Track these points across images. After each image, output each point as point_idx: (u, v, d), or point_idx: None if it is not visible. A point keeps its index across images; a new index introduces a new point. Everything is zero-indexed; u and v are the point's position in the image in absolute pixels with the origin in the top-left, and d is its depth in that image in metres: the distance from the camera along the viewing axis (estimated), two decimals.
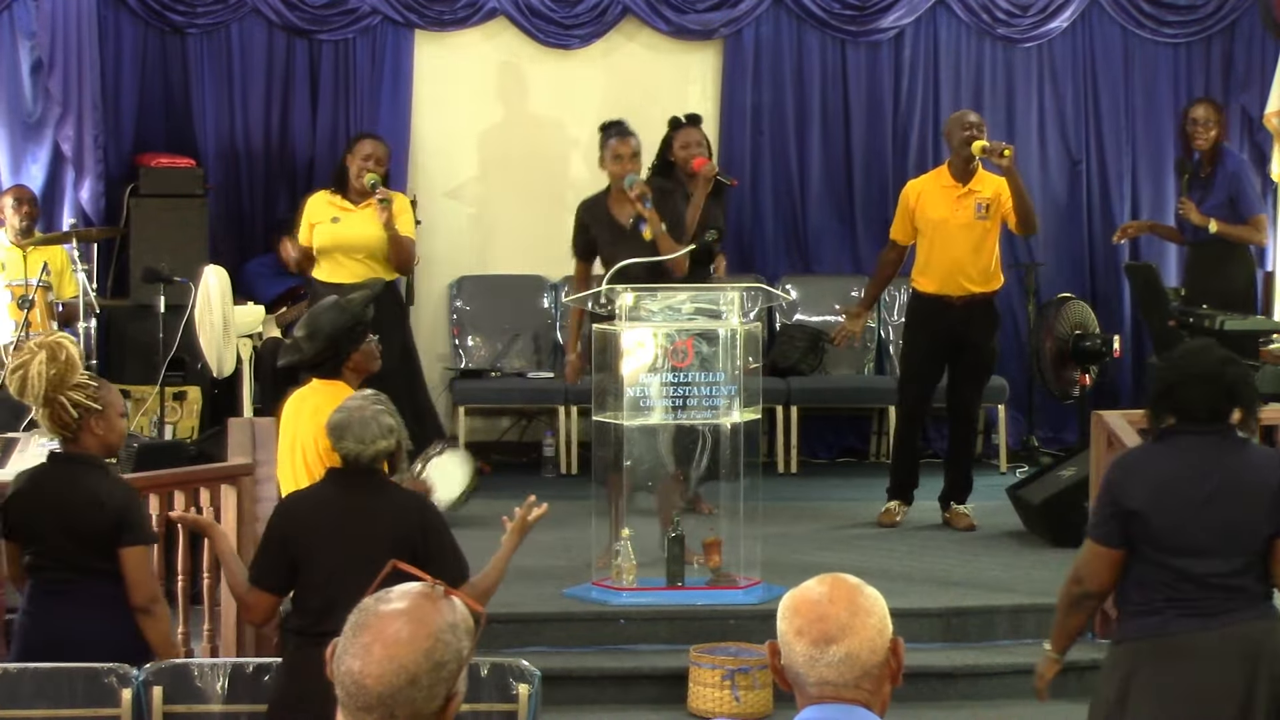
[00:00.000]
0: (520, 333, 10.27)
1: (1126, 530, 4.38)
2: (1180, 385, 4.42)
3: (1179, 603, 4.35)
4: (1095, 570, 4.45)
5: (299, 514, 4.77)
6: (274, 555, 4.72)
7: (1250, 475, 4.39)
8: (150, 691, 4.80)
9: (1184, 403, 4.41)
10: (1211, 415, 4.41)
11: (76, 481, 4.88)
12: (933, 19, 10.42)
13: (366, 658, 2.31)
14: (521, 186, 10.23)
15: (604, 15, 10.23)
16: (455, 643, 2.36)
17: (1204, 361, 4.45)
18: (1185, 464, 4.39)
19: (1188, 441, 4.41)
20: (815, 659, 2.71)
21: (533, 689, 4.80)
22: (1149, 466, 4.44)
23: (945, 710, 6.47)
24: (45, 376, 4.77)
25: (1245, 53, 10.53)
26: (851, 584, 2.79)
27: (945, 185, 8.13)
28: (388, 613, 2.35)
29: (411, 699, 2.32)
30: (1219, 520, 4.34)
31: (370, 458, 4.68)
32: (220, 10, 9.94)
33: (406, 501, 4.77)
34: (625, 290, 6.77)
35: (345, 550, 4.58)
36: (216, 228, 9.72)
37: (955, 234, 8.06)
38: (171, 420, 8.81)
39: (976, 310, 8.15)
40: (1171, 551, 4.34)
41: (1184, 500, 4.35)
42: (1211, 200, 8.92)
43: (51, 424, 4.86)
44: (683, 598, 6.79)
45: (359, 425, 4.68)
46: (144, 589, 4.88)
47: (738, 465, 6.94)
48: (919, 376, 8.28)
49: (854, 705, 2.71)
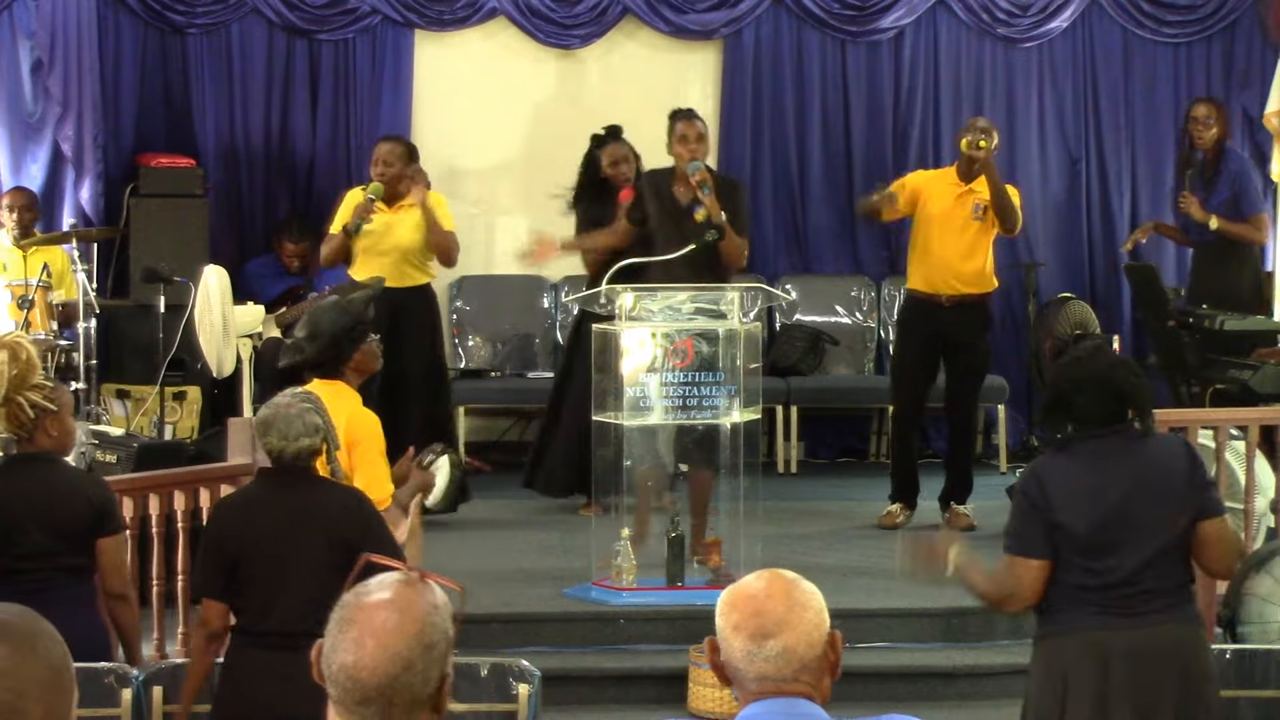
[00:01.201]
0: (520, 333, 10.27)
1: (1050, 539, 4.36)
2: (1073, 393, 4.43)
3: (1097, 600, 4.34)
4: (1024, 586, 4.40)
5: (233, 516, 4.78)
6: (214, 561, 4.71)
7: (1160, 468, 4.40)
8: (150, 691, 4.80)
9: (1079, 410, 4.42)
10: (1107, 419, 4.41)
11: (50, 478, 4.87)
12: (933, 19, 10.42)
13: (359, 651, 2.32)
14: (521, 186, 10.23)
15: (604, 15, 10.23)
16: (441, 624, 2.38)
17: (1094, 367, 4.46)
18: (1095, 469, 4.39)
19: (1092, 446, 4.41)
20: (753, 654, 2.71)
21: (533, 689, 4.80)
22: (1061, 476, 4.42)
23: (945, 710, 6.47)
24: (6, 376, 4.76)
25: (1245, 53, 10.52)
26: (788, 579, 2.77)
27: (950, 183, 8.15)
28: (372, 604, 2.35)
29: (409, 685, 2.33)
30: (1138, 518, 4.34)
31: (293, 454, 4.68)
32: (220, 10, 9.94)
33: (342, 497, 4.76)
34: (625, 290, 6.77)
35: (282, 548, 4.58)
36: (216, 228, 9.72)
37: (949, 231, 8.07)
38: (171, 420, 8.81)
39: (967, 311, 8.15)
40: (1095, 554, 4.34)
41: (1102, 504, 4.34)
42: (1215, 198, 8.92)
43: (9, 424, 4.82)
44: (683, 598, 6.78)
45: (283, 421, 4.68)
46: (122, 576, 4.94)
47: (738, 465, 6.93)
48: (910, 376, 8.29)
49: (795, 698, 2.71)
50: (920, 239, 8.19)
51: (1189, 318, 8.52)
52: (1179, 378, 8.64)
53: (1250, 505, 6.93)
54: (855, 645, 6.72)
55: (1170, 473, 4.40)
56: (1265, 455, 7.17)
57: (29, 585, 4.82)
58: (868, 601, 6.97)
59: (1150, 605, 4.35)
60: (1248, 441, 6.95)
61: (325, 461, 4.83)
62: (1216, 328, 8.27)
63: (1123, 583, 4.33)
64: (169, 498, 6.12)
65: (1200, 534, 4.39)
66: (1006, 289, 10.45)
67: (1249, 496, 6.93)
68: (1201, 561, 4.45)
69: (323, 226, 9.42)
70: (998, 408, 9.93)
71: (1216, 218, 8.83)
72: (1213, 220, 8.84)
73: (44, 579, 4.82)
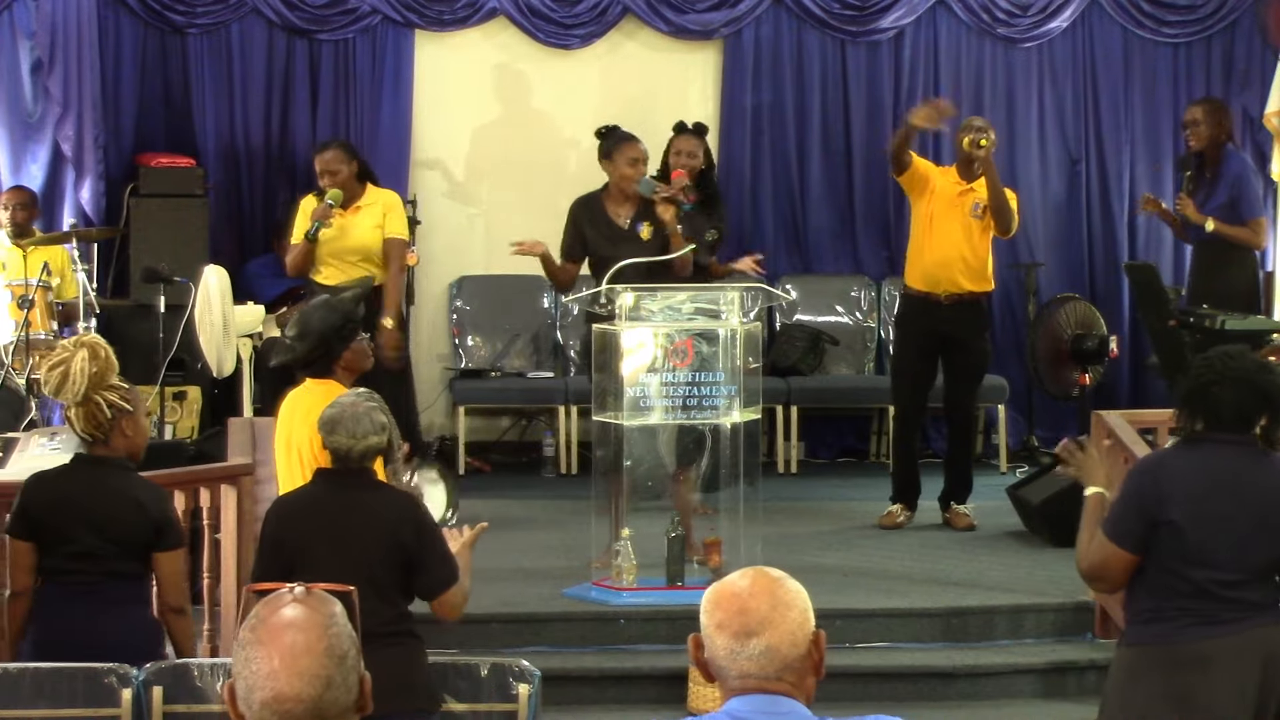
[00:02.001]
0: (520, 333, 10.27)
1: (1151, 538, 4.32)
2: (1216, 385, 4.37)
3: (1192, 612, 4.32)
4: (1111, 573, 4.39)
5: (291, 515, 4.78)
6: (270, 559, 4.72)
7: (1276, 489, 4.36)
8: (150, 691, 4.79)
9: (1217, 404, 4.37)
10: (1241, 420, 4.37)
11: (110, 484, 4.88)
12: (933, 19, 10.42)
13: (276, 684, 2.31)
14: (521, 186, 10.23)
15: (604, 15, 10.23)
16: (345, 629, 2.38)
17: (1241, 365, 4.41)
18: (1217, 475, 4.35)
19: (1219, 451, 4.37)
20: (736, 652, 2.70)
21: (533, 689, 4.79)
22: (1181, 476, 4.37)
23: (945, 710, 6.47)
24: (87, 374, 4.78)
25: (1245, 53, 10.53)
26: (773, 577, 2.76)
27: (951, 181, 8.16)
28: (270, 634, 2.34)
29: (334, 700, 2.33)
30: (1244, 534, 4.31)
31: (360, 453, 4.69)
32: (220, 10, 9.94)
33: (399, 500, 4.77)
34: (625, 290, 6.77)
35: (339, 550, 4.58)
36: (216, 228, 9.72)
37: (948, 229, 8.08)
38: (171, 420, 8.81)
39: (964, 310, 8.16)
40: (1195, 564, 4.30)
41: (1215, 514, 4.31)
42: (1213, 200, 8.92)
43: (86, 424, 4.84)
44: (683, 598, 6.77)
45: (351, 420, 4.68)
46: (179, 591, 4.93)
47: (738, 465, 6.93)
48: (910, 376, 8.29)
49: (778, 696, 2.71)
50: (919, 236, 8.19)
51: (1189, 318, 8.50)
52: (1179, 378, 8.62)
53: None
54: (855, 645, 6.73)
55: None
56: None
57: (78, 586, 4.85)
58: (868, 601, 6.97)
59: (1244, 612, 4.32)
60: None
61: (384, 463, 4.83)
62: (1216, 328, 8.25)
63: (1219, 595, 4.30)
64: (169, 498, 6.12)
65: None
66: (1006, 289, 10.46)
67: None
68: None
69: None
70: (998, 408, 9.93)
71: (1213, 220, 8.84)
72: (1209, 223, 8.84)
73: (92, 581, 4.83)
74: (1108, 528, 4.41)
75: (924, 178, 8.14)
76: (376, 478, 4.79)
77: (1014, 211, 8.12)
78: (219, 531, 6.01)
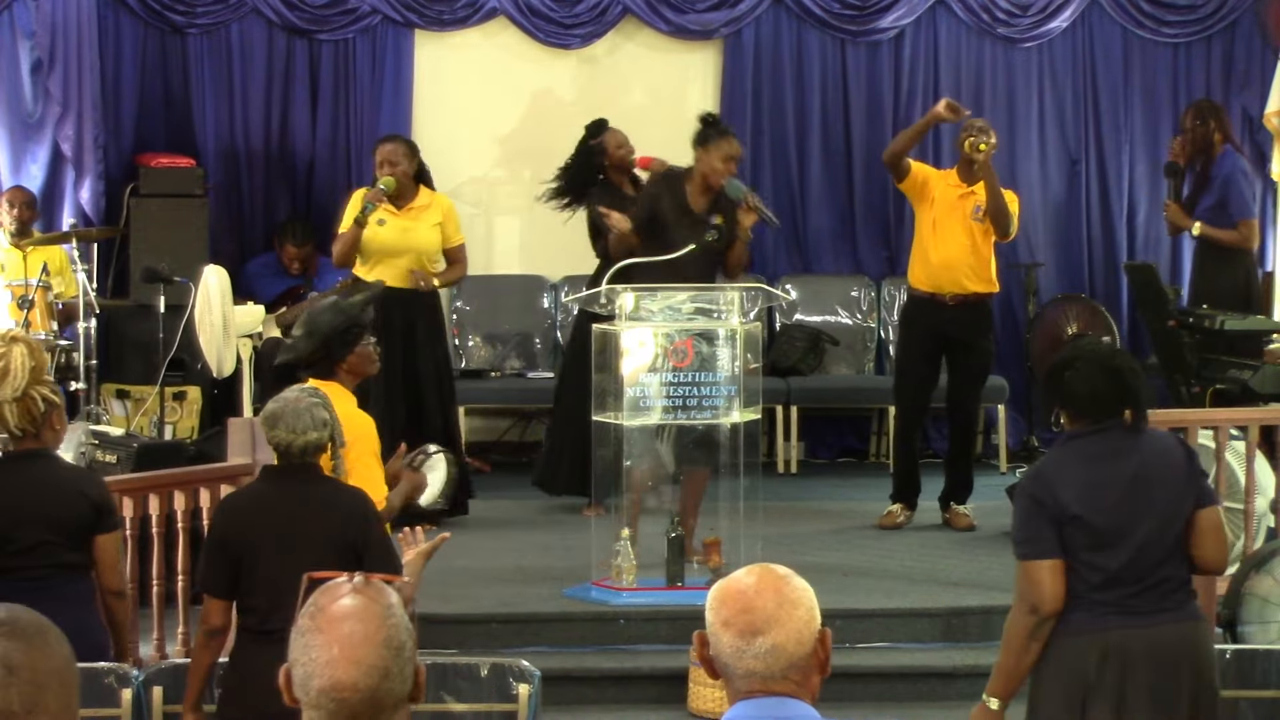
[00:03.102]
0: (520, 333, 10.27)
1: (1061, 537, 4.35)
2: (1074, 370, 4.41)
3: (1108, 603, 4.34)
4: (1048, 589, 4.36)
5: (238, 513, 4.78)
6: (217, 558, 4.71)
7: (1161, 461, 4.42)
8: (150, 691, 4.80)
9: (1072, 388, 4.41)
10: (1101, 404, 4.40)
11: (49, 475, 4.87)
12: (933, 19, 10.42)
13: (335, 672, 2.33)
14: (522, 187, 10.23)
15: (604, 15, 10.23)
16: (403, 620, 2.39)
17: (1091, 348, 4.52)
18: (1098, 464, 4.39)
19: (1091, 443, 4.41)
20: (742, 650, 2.70)
21: (533, 689, 4.80)
22: (1067, 473, 4.41)
23: (945, 710, 6.46)
24: (28, 369, 4.78)
25: (1245, 53, 10.52)
26: (779, 574, 2.76)
27: (951, 184, 8.17)
28: (331, 621, 2.36)
29: (390, 691, 2.35)
30: (1146, 510, 4.36)
31: (300, 448, 4.69)
32: (220, 10, 9.94)
33: (345, 496, 4.76)
34: (625, 290, 6.77)
35: (287, 546, 4.58)
36: (216, 228, 9.72)
37: (950, 232, 8.10)
38: (171, 420, 8.81)
39: (968, 311, 8.17)
40: (1106, 550, 4.34)
41: (1111, 498, 4.35)
42: (1204, 202, 8.93)
43: (21, 419, 4.82)
44: (683, 598, 6.77)
45: (292, 415, 4.69)
46: (119, 572, 4.94)
47: (738, 465, 6.93)
48: (913, 376, 8.30)
49: (784, 697, 2.70)
50: (923, 239, 8.21)
51: (1189, 318, 8.51)
52: (1179, 378, 8.63)
53: (1250, 505, 6.93)
54: (855, 645, 6.72)
55: (1170, 464, 4.42)
56: (1265, 455, 7.17)
57: (26, 583, 4.80)
58: (868, 601, 6.97)
59: (1162, 603, 4.36)
60: (1248, 441, 6.95)
61: (329, 458, 4.83)
62: (1216, 328, 8.26)
63: (1133, 579, 4.34)
64: (169, 498, 6.12)
65: (1197, 523, 4.40)
66: (1007, 289, 10.45)
67: (1249, 496, 6.93)
68: (1196, 553, 4.43)
69: (325, 227, 9.45)
70: (998, 408, 9.94)
71: (1200, 224, 8.85)
72: (1195, 227, 8.86)
73: (41, 576, 4.81)
74: (1023, 550, 4.41)
75: (923, 183, 8.15)
76: (322, 474, 4.79)
77: (1013, 216, 8.12)
78: None
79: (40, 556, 4.82)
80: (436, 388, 8.18)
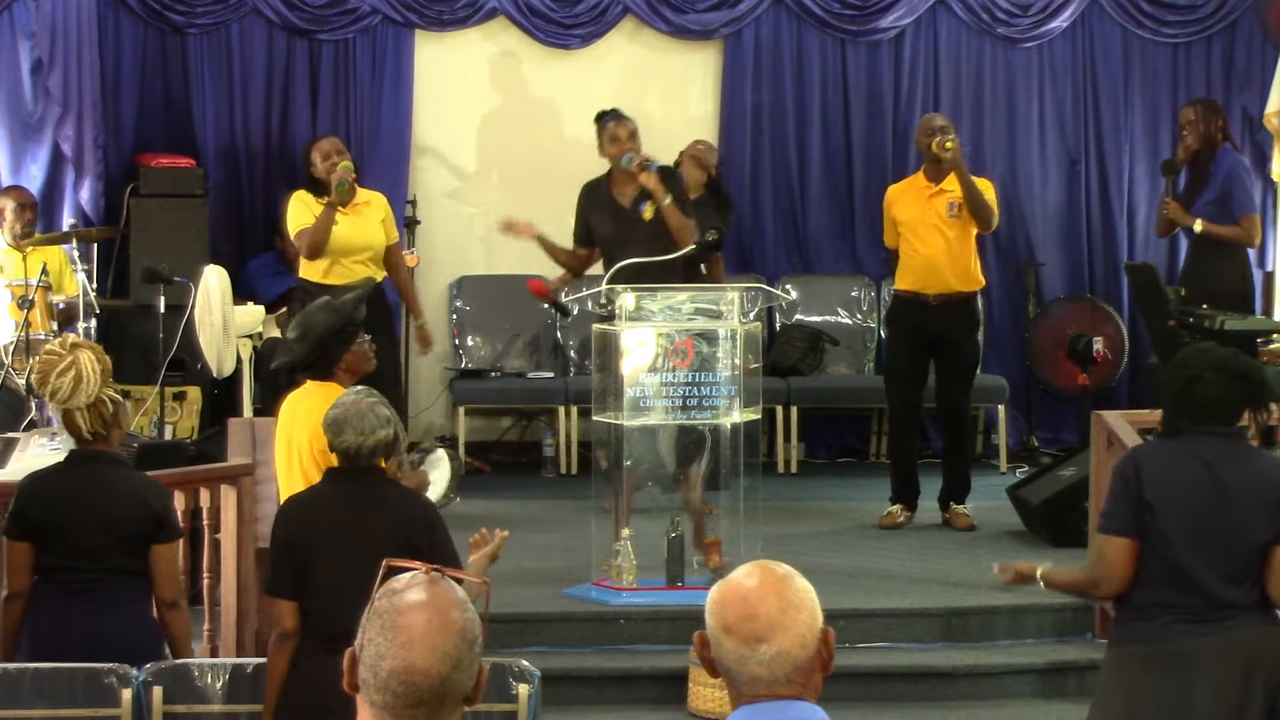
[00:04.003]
0: (520, 333, 10.27)
1: (1140, 521, 4.34)
2: (1204, 381, 4.38)
3: (1177, 608, 4.33)
4: (1113, 567, 4.37)
5: (301, 517, 4.77)
6: (282, 561, 4.71)
7: (1257, 483, 4.38)
8: (150, 691, 4.80)
9: (1204, 399, 4.38)
10: (1229, 415, 4.39)
11: (114, 479, 4.89)
12: (933, 19, 10.42)
13: (409, 655, 2.34)
14: (521, 186, 10.23)
15: (604, 15, 10.23)
16: (474, 616, 2.42)
17: (1229, 359, 4.43)
18: (1199, 465, 4.37)
19: (1203, 443, 4.39)
20: (746, 657, 2.67)
21: (533, 689, 4.80)
22: (1164, 463, 4.41)
23: (945, 710, 6.47)
24: (98, 374, 4.81)
25: (1245, 53, 10.52)
26: (779, 576, 2.72)
27: (920, 187, 8.22)
28: (409, 607, 2.38)
29: (458, 682, 2.37)
30: (1226, 526, 4.33)
31: (370, 449, 4.69)
32: (220, 10, 9.94)
33: (409, 500, 4.78)
34: (625, 290, 6.77)
35: (351, 551, 4.56)
36: (216, 228, 9.71)
37: (928, 233, 8.13)
38: (171, 420, 8.81)
39: (953, 310, 8.18)
40: (1178, 552, 4.32)
41: (1196, 502, 4.33)
42: (1204, 198, 8.91)
43: (94, 422, 4.85)
44: (683, 598, 6.78)
45: (356, 417, 4.69)
46: (176, 584, 4.96)
47: (738, 465, 6.93)
48: (902, 376, 8.31)
49: (789, 700, 2.68)
50: (903, 245, 8.25)
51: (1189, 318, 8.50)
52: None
53: None
54: (855, 645, 6.73)
55: (1268, 490, 4.38)
56: None
57: (77, 584, 4.83)
58: (868, 601, 6.97)
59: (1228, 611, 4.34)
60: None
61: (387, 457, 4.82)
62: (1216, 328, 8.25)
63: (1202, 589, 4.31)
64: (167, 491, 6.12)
65: (1272, 558, 4.36)
66: (1007, 289, 10.46)
67: None
68: (1269, 588, 4.39)
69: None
70: (998, 408, 9.93)
71: (1201, 221, 8.84)
72: (1197, 224, 8.85)
73: (93, 579, 4.83)
74: (1103, 523, 4.44)
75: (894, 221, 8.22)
76: (385, 476, 4.79)
77: (992, 203, 8.14)
78: (219, 532, 6.01)
79: (92, 560, 4.84)
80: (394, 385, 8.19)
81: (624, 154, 7.42)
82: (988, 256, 10.48)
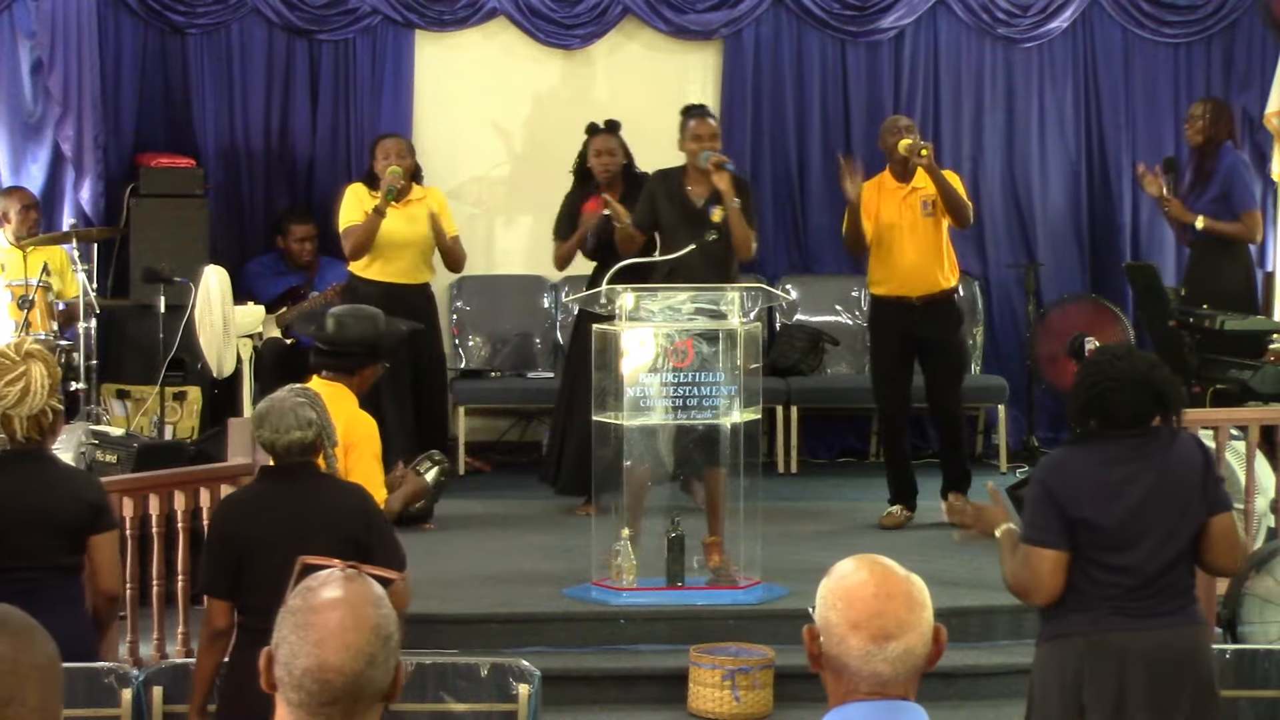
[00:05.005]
0: (520, 333, 10.27)
1: (1069, 532, 4.35)
2: (1110, 392, 4.40)
3: (1110, 602, 4.34)
4: (1041, 578, 4.36)
5: (237, 513, 4.78)
6: (217, 559, 4.71)
7: (1179, 465, 4.41)
8: (150, 691, 4.80)
9: (1112, 408, 4.40)
10: (1138, 420, 4.41)
11: (46, 476, 4.85)
12: (933, 19, 10.42)
13: (322, 653, 2.34)
14: (522, 187, 10.23)
15: (604, 15, 10.23)
16: (390, 613, 2.41)
17: (1133, 367, 4.43)
18: (1117, 464, 4.38)
19: (1115, 443, 4.41)
20: (872, 654, 2.69)
21: (533, 689, 4.79)
22: (1084, 472, 4.41)
23: (945, 710, 6.46)
24: (46, 386, 4.78)
25: (1245, 53, 10.53)
26: (900, 575, 2.75)
27: (890, 188, 8.18)
28: (323, 604, 2.37)
29: (374, 679, 2.36)
30: (1159, 514, 4.35)
31: (284, 447, 4.70)
32: (220, 10, 9.94)
33: (346, 494, 4.77)
34: (625, 290, 6.77)
35: (287, 545, 4.56)
36: (216, 228, 9.72)
37: (905, 234, 8.11)
38: (171, 420, 8.81)
39: (937, 308, 8.17)
40: (1114, 551, 4.34)
41: (1125, 500, 4.34)
42: (1206, 195, 8.91)
43: (32, 430, 4.81)
44: (683, 598, 6.78)
45: (276, 415, 4.70)
46: (116, 574, 4.91)
47: (738, 465, 6.93)
48: (891, 380, 8.29)
49: (900, 700, 2.71)
50: (878, 249, 8.21)
51: (1189, 318, 8.51)
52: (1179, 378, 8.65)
53: (1250, 505, 6.93)
54: None
55: (1187, 469, 4.41)
56: (1265, 455, 7.17)
57: (15, 585, 4.78)
58: None
59: (1163, 607, 4.36)
60: (1248, 441, 6.95)
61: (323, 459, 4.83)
62: (1216, 328, 8.27)
63: (1139, 584, 4.33)
64: (169, 498, 6.13)
65: (1209, 529, 4.39)
66: (1006, 289, 10.47)
67: (1249, 496, 6.93)
68: (1207, 558, 4.43)
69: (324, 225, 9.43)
70: (998, 408, 9.93)
71: (1203, 218, 8.83)
72: (1199, 220, 8.84)
73: (31, 578, 4.78)
74: (1026, 534, 4.43)
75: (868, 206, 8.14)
76: (320, 472, 4.80)
77: (964, 197, 8.13)
78: None
79: (31, 559, 4.80)
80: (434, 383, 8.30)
81: (703, 151, 7.41)
82: (988, 256, 10.51)
